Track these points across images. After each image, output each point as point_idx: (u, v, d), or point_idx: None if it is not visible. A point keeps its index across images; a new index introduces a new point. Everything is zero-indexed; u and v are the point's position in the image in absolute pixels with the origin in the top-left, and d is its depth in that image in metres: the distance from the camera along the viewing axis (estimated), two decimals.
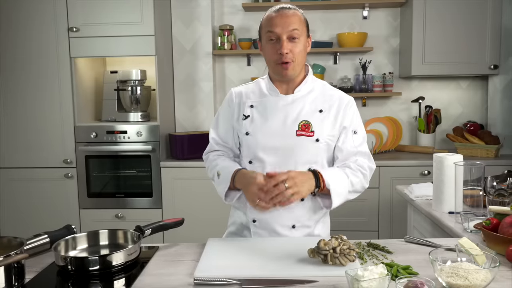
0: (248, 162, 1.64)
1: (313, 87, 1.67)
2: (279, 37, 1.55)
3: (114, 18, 3.18)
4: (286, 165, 1.57)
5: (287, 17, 1.55)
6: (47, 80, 3.27)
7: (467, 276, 1.11)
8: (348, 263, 1.29)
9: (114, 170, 3.34)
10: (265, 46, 1.60)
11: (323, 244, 1.29)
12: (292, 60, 1.56)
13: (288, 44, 1.54)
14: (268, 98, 1.65)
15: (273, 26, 1.55)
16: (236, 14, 3.71)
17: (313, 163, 1.60)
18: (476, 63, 3.33)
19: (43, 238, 1.45)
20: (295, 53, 1.56)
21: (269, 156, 1.59)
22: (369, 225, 3.23)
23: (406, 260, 1.34)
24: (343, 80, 3.62)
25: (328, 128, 1.61)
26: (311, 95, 1.64)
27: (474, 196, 1.74)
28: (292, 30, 1.54)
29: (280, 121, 1.60)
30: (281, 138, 1.58)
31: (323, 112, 1.61)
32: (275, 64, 1.58)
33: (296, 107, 1.61)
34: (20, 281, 1.23)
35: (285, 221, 1.60)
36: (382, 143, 3.48)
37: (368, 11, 3.64)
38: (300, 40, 1.57)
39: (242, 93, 1.70)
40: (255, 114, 1.64)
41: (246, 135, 1.63)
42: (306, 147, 1.58)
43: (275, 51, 1.56)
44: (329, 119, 1.61)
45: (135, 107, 3.45)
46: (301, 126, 1.58)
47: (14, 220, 3.37)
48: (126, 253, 1.32)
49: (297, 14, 1.59)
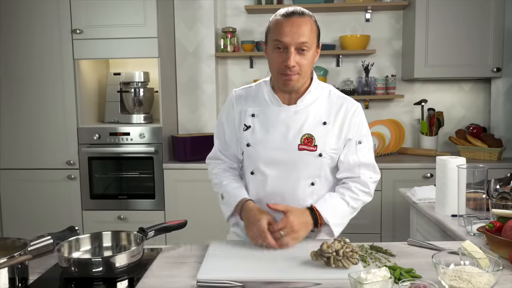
0: (250, 173, 1.62)
1: (318, 95, 1.59)
2: (287, 47, 1.45)
3: (117, 20, 3.18)
4: (288, 178, 1.56)
5: (299, 26, 1.44)
6: (50, 82, 3.28)
7: (470, 280, 1.10)
8: (351, 266, 1.29)
9: (117, 172, 3.34)
10: (271, 53, 1.50)
11: (326, 247, 1.29)
12: (299, 72, 1.48)
13: (295, 56, 1.45)
14: (270, 107, 1.58)
15: (282, 35, 1.44)
16: (239, 16, 3.71)
17: (316, 177, 1.57)
18: (479, 66, 3.33)
19: (47, 240, 1.45)
20: (302, 65, 1.47)
21: (270, 169, 1.57)
22: (372, 227, 3.22)
23: (409, 263, 1.34)
24: (346, 82, 3.62)
25: (332, 142, 1.55)
26: (315, 105, 1.57)
27: (477, 199, 1.74)
28: (302, 42, 1.44)
29: (281, 134, 1.55)
30: (282, 152, 1.54)
31: (327, 124, 1.55)
32: (279, 74, 1.50)
33: (299, 119, 1.55)
34: (23, 282, 1.23)
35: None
36: (385, 146, 3.48)
37: (370, 13, 3.64)
38: (309, 52, 1.47)
39: (243, 97, 1.64)
40: (256, 125, 1.59)
41: (247, 146, 1.59)
42: (308, 162, 1.54)
43: (281, 61, 1.47)
44: (334, 132, 1.55)
45: (138, 109, 3.46)
46: (303, 140, 1.53)
47: (17, 222, 3.38)
48: (130, 254, 1.32)
49: (310, 23, 1.47)
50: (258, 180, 1.59)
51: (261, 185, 1.59)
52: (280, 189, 1.57)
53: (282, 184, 1.57)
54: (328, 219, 1.51)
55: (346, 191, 1.59)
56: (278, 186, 1.57)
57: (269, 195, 1.58)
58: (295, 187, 1.57)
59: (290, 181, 1.55)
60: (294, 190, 1.57)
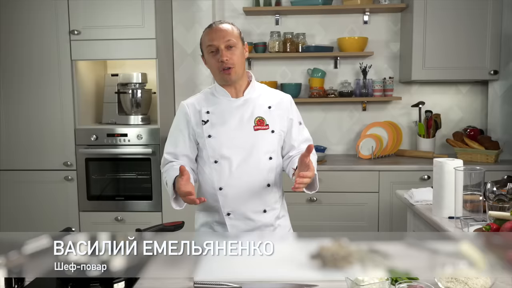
0: (214, 162, 1.78)
1: (260, 91, 1.86)
2: (217, 48, 1.73)
3: (115, 21, 3.18)
4: (251, 156, 1.76)
5: (221, 30, 1.75)
6: (48, 83, 3.27)
7: (467, 282, 1.11)
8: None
9: (114, 173, 3.34)
10: (208, 59, 1.78)
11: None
12: (233, 65, 1.74)
13: (226, 53, 1.73)
14: (221, 103, 1.81)
15: (211, 40, 1.74)
16: (237, 18, 3.71)
17: (271, 152, 1.79)
18: (476, 69, 3.34)
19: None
20: (234, 58, 1.75)
21: (233, 152, 1.76)
22: (369, 229, 3.22)
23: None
24: (343, 84, 3.63)
25: (278, 121, 1.81)
26: (260, 98, 1.84)
27: (474, 201, 1.75)
28: (228, 40, 1.73)
29: (237, 120, 1.78)
30: (241, 135, 1.77)
31: (271, 108, 1.82)
32: (219, 72, 1.75)
33: (249, 106, 1.80)
34: (19, 284, 1.23)
35: (256, 207, 1.78)
36: (382, 148, 3.48)
37: (368, 15, 3.65)
38: (237, 47, 1.75)
39: (194, 103, 1.84)
40: (213, 118, 1.79)
41: (208, 137, 1.78)
42: (264, 139, 1.78)
43: (216, 60, 1.74)
44: (278, 113, 1.82)
45: (136, 110, 3.45)
46: (256, 122, 1.79)
47: (14, 222, 3.37)
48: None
49: (229, 26, 1.78)
50: (222, 167, 1.77)
51: (227, 170, 1.76)
52: (246, 169, 1.76)
53: (246, 163, 1.76)
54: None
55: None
56: (244, 166, 1.76)
57: (236, 177, 1.76)
58: (258, 164, 1.77)
59: (252, 158, 1.76)
60: (258, 166, 1.77)
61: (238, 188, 1.76)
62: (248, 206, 1.77)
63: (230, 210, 1.78)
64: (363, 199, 3.23)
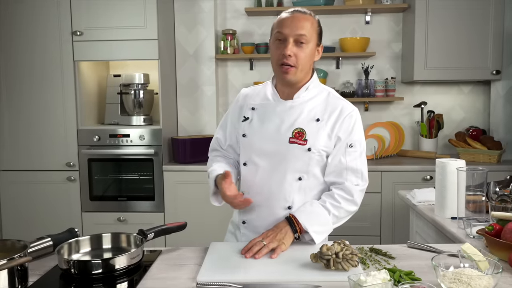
0: (243, 164, 1.65)
1: (316, 94, 1.62)
2: (286, 38, 1.52)
3: (117, 22, 3.19)
4: (277, 170, 1.58)
5: (299, 20, 1.53)
6: (51, 83, 3.28)
7: (469, 282, 1.10)
8: (351, 269, 1.29)
9: (117, 174, 3.34)
10: (272, 46, 1.59)
11: (325, 249, 1.29)
12: (295, 65, 1.53)
13: (293, 47, 1.52)
14: (269, 102, 1.65)
15: (283, 27, 1.53)
16: (239, 18, 3.72)
17: (304, 172, 1.58)
18: (479, 69, 3.34)
19: (46, 241, 1.45)
20: (300, 58, 1.53)
21: (262, 160, 1.60)
22: (371, 230, 3.22)
23: (408, 266, 1.34)
24: (346, 84, 3.63)
25: (323, 139, 1.57)
26: (311, 103, 1.61)
27: (477, 201, 1.74)
28: (300, 34, 1.51)
29: (275, 126, 1.59)
30: (274, 144, 1.58)
31: (320, 121, 1.58)
32: (277, 65, 1.56)
33: (293, 113, 1.59)
34: (23, 284, 1.23)
35: (270, 226, 1.57)
36: (384, 148, 3.48)
37: (370, 16, 3.65)
38: (308, 46, 1.53)
39: (248, 95, 1.72)
40: (255, 117, 1.64)
41: (243, 136, 1.65)
42: (297, 156, 1.56)
43: (279, 51, 1.54)
44: (326, 130, 1.57)
45: (138, 111, 3.46)
46: (294, 134, 1.56)
47: (16, 223, 3.38)
48: (129, 256, 1.33)
49: (310, 20, 1.55)
50: (249, 171, 1.63)
51: (252, 177, 1.62)
52: (268, 181, 1.60)
53: (270, 175, 1.59)
54: (307, 227, 1.51)
55: (328, 198, 1.58)
56: (267, 177, 1.60)
57: (258, 187, 1.61)
58: (282, 180, 1.58)
59: (278, 173, 1.58)
60: (281, 182, 1.58)
61: (256, 201, 1.58)
62: (263, 222, 1.60)
63: (245, 219, 1.66)
64: (365, 200, 3.16)
